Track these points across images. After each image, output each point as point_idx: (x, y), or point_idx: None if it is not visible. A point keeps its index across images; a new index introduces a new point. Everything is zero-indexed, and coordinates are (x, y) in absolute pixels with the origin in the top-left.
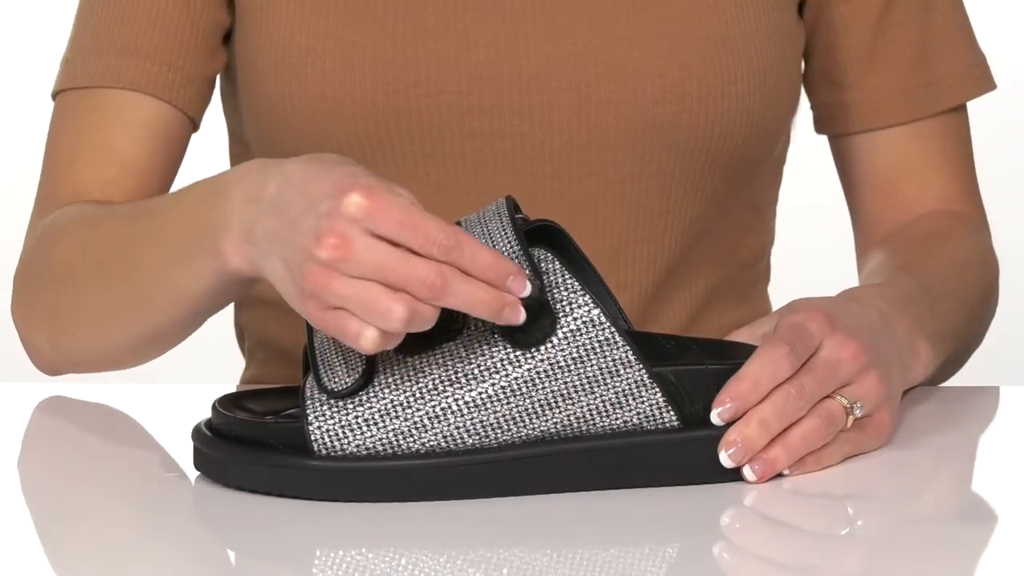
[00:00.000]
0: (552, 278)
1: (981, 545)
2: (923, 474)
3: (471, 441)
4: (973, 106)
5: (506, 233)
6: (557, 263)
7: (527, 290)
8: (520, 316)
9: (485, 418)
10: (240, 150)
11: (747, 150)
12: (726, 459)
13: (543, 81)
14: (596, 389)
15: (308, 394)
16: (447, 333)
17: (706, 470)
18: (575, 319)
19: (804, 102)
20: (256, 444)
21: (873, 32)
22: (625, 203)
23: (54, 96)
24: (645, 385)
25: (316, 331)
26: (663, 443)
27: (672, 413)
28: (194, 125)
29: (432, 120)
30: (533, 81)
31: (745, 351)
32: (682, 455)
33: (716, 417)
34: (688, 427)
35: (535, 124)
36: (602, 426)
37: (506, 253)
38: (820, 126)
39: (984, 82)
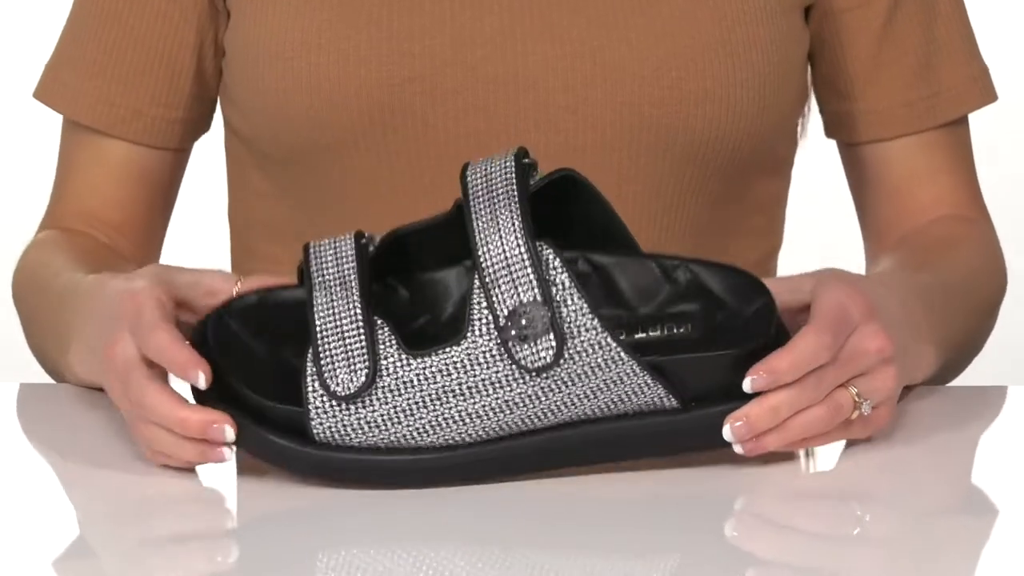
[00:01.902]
0: (561, 295)
1: (984, 541)
2: (929, 473)
3: (471, 443)
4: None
5: (517, 235)
6: (567, 276)
7: (229, 437)
8: (216, 457)
9: (487, 426)
10: (235, 142)
11: (744, 153)
12: (728, 432)
13: (539, 81)
14: (600, 395)
15: (310, 387)
16: (452, 335)
17: (704, 441)
18: (583, 341)
19: (815, 103)
20: (257, 417)
21: (877, 43)
22: (622, 204)
23: (36, 97)
24: (648, 385)
25: (317, 298)
26: (664, 422)
27: (673, 400)
28: (184, 150)
29: (427, 117)
30: (529, 80)
31: (751, 286)
32: (683, 430)
33: (748, 385)
34: (687, 408)
35: (530, 124)
36: (603, 415)
37: (515, 260)
38: (829, 131)
39: (986, 93)
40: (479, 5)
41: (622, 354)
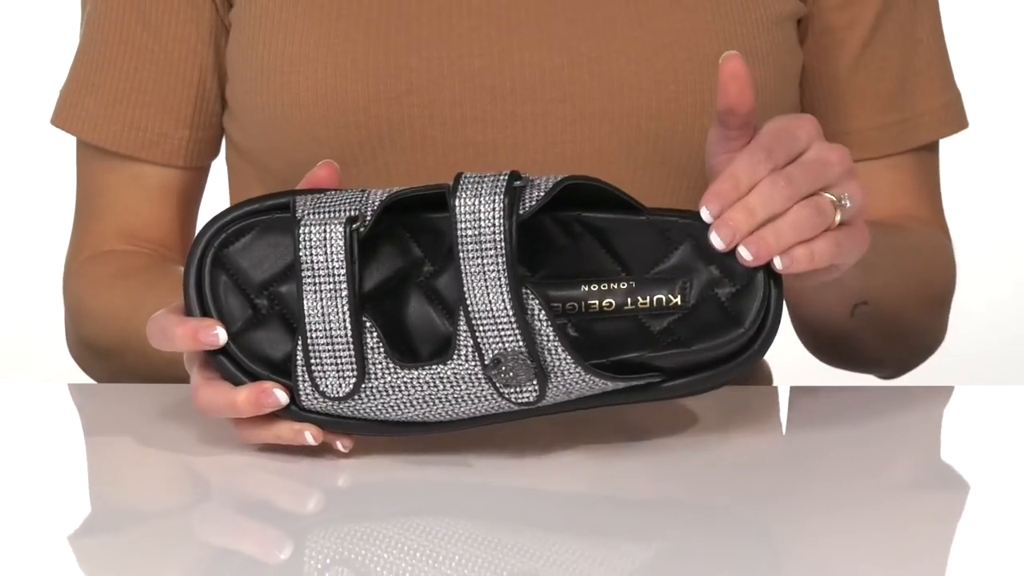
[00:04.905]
0: (546, 344)
1: (947, 516)
2: (893, 458)
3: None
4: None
5: (503, 289)
6: (552, 329)
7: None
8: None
9: (470, 425)
10: (236, 155)
11: None
12: (716, 239)
13: (537, 92)
14: (581, 399)
15: (300, 376)
16: (440, 354)
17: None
18: (565, 382)
19: None
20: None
21: (855, 65)
22: None
23: (55, 124)
24: (635, 385)
25: (306, 296)
26: (650, 386)
27: (657, 377)
28: (208, 166)
29: (425, 129)
30: (527, 92)
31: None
32: (667, 389)
33: (704, 214)
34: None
35: (528, 135)
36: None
37: (500, 312)
38: None
39: (958, 121)
40: (476, 17)
41: (607, 383)
